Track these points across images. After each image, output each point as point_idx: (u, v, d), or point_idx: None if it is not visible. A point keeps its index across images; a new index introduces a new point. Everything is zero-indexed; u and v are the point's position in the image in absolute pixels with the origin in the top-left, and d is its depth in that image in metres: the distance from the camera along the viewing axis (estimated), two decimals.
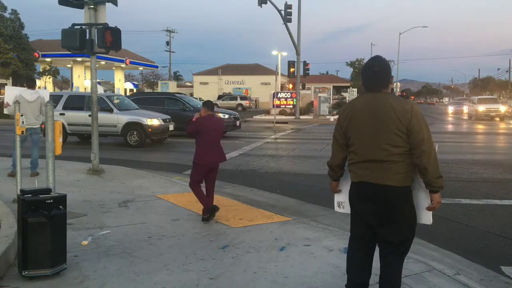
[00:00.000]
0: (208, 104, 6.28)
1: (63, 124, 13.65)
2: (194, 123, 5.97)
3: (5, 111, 8.56)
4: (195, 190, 5.98)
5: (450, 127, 27.13)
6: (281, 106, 28.41)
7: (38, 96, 8.56)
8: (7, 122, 8.12)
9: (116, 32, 8.80)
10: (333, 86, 63.35)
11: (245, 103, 48.57)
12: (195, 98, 28.40)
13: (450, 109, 46.88)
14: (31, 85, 8.79)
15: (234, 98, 50.05)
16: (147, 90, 67.62)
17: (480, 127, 26.56)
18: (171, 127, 15.59)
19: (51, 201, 4.03)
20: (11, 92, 8.70)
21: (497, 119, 32.13)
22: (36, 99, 8.48)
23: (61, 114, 14.62)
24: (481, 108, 32.60)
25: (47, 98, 8.83)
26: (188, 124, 6.12)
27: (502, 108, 33.06)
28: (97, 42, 8.81)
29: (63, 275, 4.05)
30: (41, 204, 3.98)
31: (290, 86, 34.90)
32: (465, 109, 39.50)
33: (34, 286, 3.86)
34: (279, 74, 42.85)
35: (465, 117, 37.36)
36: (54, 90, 41.45)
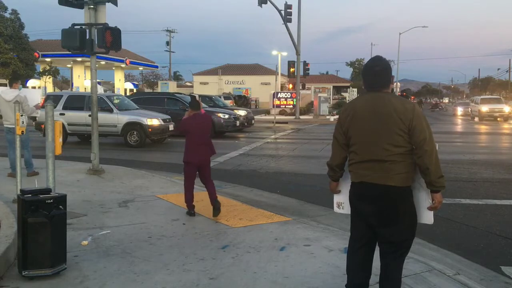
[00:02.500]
0: (192, 104, 6.36)
1: (63, 124, 13.65)
2: (181, 124, 6.31)
3: None
4: (185, 187, 6.23)
5: (451, 128, 27.10)
6: (281, 106, 28.41)
7: (17, 95, 8.43)
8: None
9: (116, 32, 8.80)
10: (333, 86, 63.31)
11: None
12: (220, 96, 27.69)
13: (459, 110, 43.15)
14: (11, 83, 8.78)
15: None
16: (147, 90, 67.55)
17: (482, 127, 26.56)
18: (171, 127, 15.58)
19: (51, 201, 4.03)
20: None
21: (500, 119, 31.68)
22: (14, 98, 8.37)
23: (61, 114, 14.62)
24: (485, 108, 32.10)
25: (33, 98, 8.78)
26: (179, 124, 6.51)
27: (506, 109, 32.41)
28: (97, 42, 8.81)
29: (63, 275, 4.05)
30: (41, 204, 3.98)
31: (290, 86, 34.91)
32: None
33: (34, 286, 3.86)
34: (279, 74, 42.82)
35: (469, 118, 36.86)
36: (54, 90, 41.41)
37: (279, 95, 27.63)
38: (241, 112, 21.54)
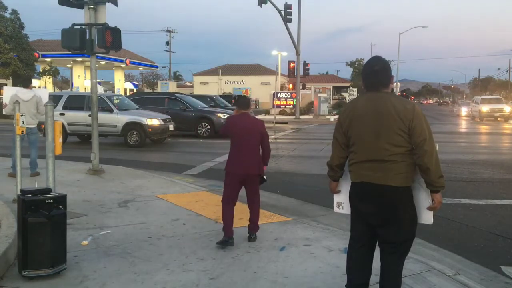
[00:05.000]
0: (239, 102, 5.25)
1: (63, 124, 13.65)
2: (225, 124, 5.29)
3: (4, 111, 8.57)
4: (222, 207, 5.03)
5: (451, 128, 27.09)
6: (281, 106, 28.43)
7: (34, 95, 8.47)
8: (7, 122, 8.08)
9: (116, 32, 8.80)
10: (333, 86, 63.34)
11: None
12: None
13: (464, 110, 41.28)
14: (26, 84, 8.79)
15: None
16: (147, 90, 67.55)
17: (482, 127, 26.56)
18: (171, 127, 15.59)
19: (51, 201, 4.03)
20: (9, 92, 8.71)
21: (501, 119, 31.59)
22: (31, 98, 8.38)
23: (61, 114, 14.62)
24: (485, 108, 31.99)
25: (44, 97, 8.81)
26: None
27: (507, 109, 32.30)
28: (97, 42, 8.81)
29: (63, 275, 4.05)
30: (41, 204, 3.98)
31: (290, 86, 34.92)
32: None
33: (34, 286, 3.86)
34: (279, 74, 42.83)
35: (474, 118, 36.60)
36: (54, 90, 41.42)
37: (279, 95, 27.62)
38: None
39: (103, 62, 37.61)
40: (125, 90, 50.51)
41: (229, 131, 5.08)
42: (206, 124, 17.91)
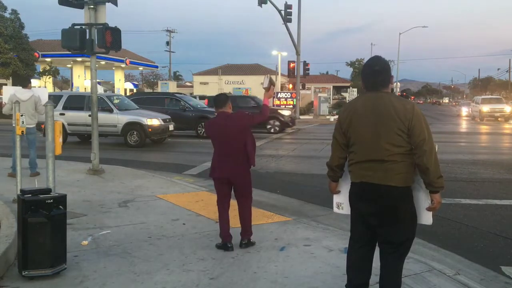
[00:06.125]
0: (216, 101, 4.89)
1: (63, 124, 13.65)
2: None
3: (3, 110, 8.57)
4: (218, 210, 4.97)
5: (451, 128, 27.09)
6: (281, 106, 28.43)
7: (32, 95, 8.48)
8: (7, 122, 8.06)
9: (116, 32, 8.80)
10: (333, 86, 63.36)
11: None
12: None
13: (464, 111, 41.64)
14: (25, 84, 8.79)
15: None
16: (147, 90, 67.52)
17: (482, 128, 26.55)
18: (171, 127, 15.59)
19: (51, 201, 4.03)
20: (8, 92, 8.72)
21: (501, 119, 31.56)
22: (30, 98, 8.38)
23: (61, 114, 14.62)
24: (485, 108, 31.97)
25: (43, 97, 8.79)
26: None
27: (507, 109, 32.28)
28: (97, 42, 8.81)
29: (63, 275, 4.05)
30: (41, 204, 3.98)
31: (290, 86, 34.92)
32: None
33: (34, 286, 3.86)
34: (279, 74, 42.82)
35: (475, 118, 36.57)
36: (54, 90, 41.42)
37: (279, 95, 27.63)
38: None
39: (103, 62, 37.60)
40: (125, 90, 50.49)
41: (208, 134, 4.94)
42: None
